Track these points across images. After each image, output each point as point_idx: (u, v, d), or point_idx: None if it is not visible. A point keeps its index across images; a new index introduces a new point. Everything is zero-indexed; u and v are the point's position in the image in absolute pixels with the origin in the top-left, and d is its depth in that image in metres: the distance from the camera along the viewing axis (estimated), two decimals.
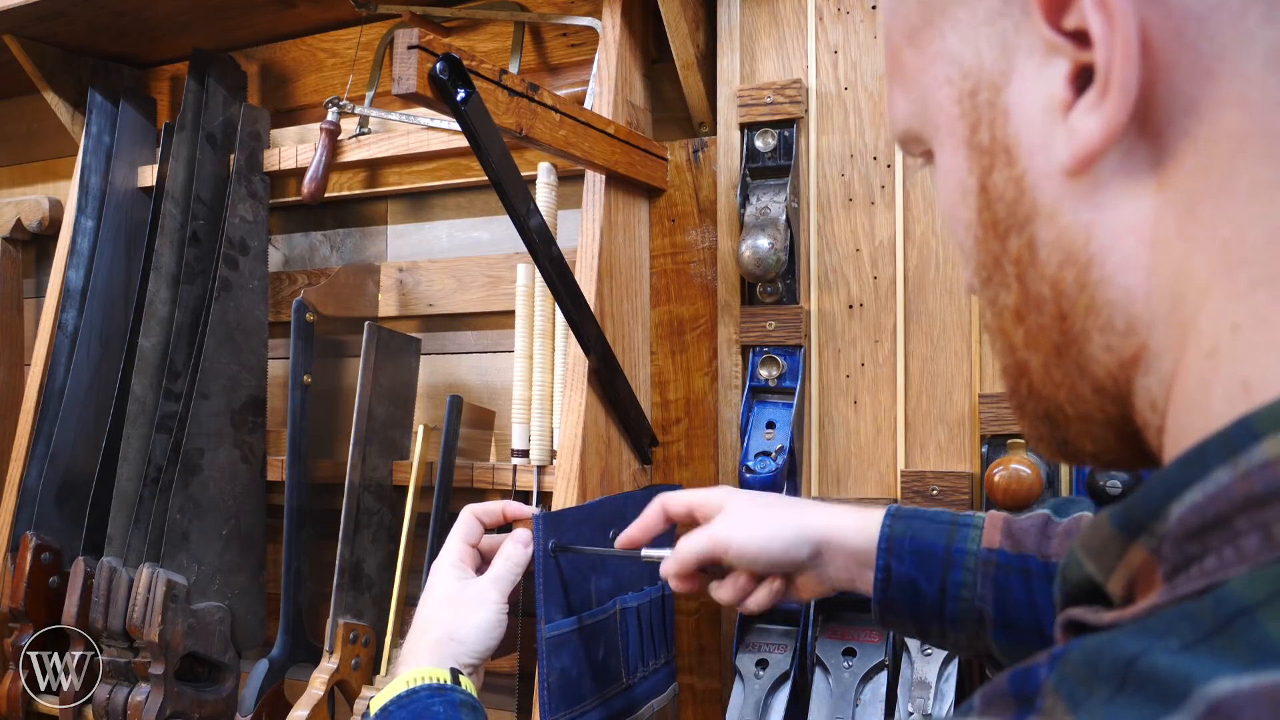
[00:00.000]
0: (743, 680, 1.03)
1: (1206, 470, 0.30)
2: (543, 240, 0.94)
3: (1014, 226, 0.38)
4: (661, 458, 1.22)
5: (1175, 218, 0.34)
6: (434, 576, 0.85)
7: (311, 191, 1.30)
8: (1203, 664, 0.26)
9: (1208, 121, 0.33)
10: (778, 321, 1.12)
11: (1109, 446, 0.39)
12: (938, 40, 0.40)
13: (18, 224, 1.67)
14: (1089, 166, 0.35)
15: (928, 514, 0.77)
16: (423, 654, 0.79)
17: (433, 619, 0.82)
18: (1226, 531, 0.29)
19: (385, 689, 0.75)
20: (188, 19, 1.42)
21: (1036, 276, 0.37)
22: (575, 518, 0.93)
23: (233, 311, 1.31)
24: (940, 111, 0.40)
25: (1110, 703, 0.27)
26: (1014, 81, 0.36)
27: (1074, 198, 0.35)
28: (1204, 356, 0.33)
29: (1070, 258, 0.36)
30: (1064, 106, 0.35)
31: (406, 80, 0.79)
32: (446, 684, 0.74)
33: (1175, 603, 0.29)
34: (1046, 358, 0.39)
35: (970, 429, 1.06)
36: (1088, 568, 0.35)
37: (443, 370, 1.37)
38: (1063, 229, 0.36)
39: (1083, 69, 0.34)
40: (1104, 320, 0.36)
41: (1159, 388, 0.35)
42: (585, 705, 0.91)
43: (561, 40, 1.31)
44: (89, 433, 1.38)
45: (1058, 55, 0.35)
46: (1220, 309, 0.33)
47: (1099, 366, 0.37)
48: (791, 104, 1.11)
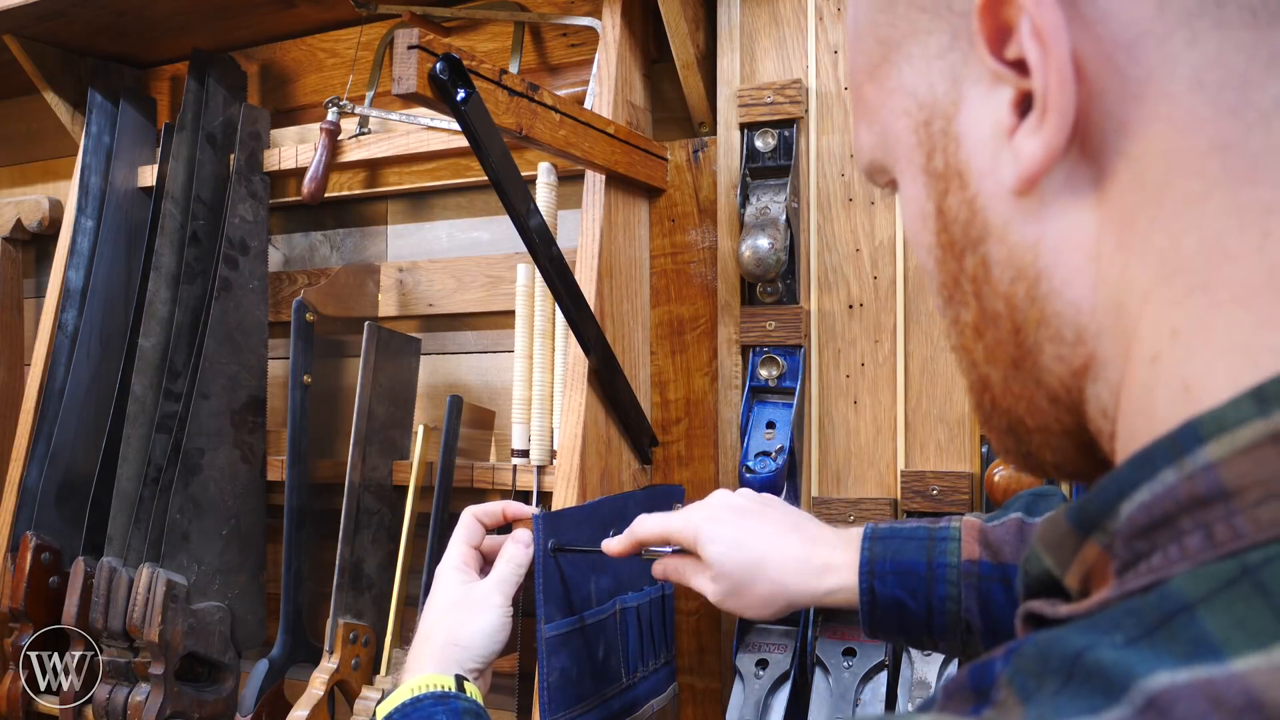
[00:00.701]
0: (743, 680, 1.03)
1: (1154, 471, 0.31)
2: (543, 240, 0.94)
3: (969, 246, 0.40)
4: (661, 458, 1.22)
5: (1115, 231, 0.35)
6: (437, 581, 0.85)
7: (311, 191, 1.30)
8: (1144, 658, 0.27)
9: (1139, 139, 0.34)
10: (778, 321, 1.12)
11: (1069, 457, 0.41)
12: (895, 75, 0.42)
13: (18, 224, 1.67)
14: (1033, 186, 0.36)
15: (904, 531, 0.79)
16: (427, 660, 0.79)
17: (437, 624, 0.82)
18: (1172, 530, 0.30)
19: (390, 697, 0.76)
20: (188, 19, 1.42)
21: (991, 293, 0.39)
22: (575, 518, 0.93)
23: (233, 311, 1.31)
24: (899, 142, 0.42)
25: (1058, 695, 0.28)
26: (964, 110, 0.39)
27: (1022, 216, 0.37)
28: (1147, 362, 0.34)
29: (1020, 273, 0.38)
30: (1009, 131, 0.37)
31: (406, 80, 0.79)
32: (450, 691, 0.75)
33: (1122, 599, 0.31)
34: (1005, 371, 0.40)
35: (970, 429, 1.06)
36: (1046, 562, 0.36)
37: (443, 370, 1.37)
38: (1012, 246, 0.38)
39: (1025, 96, 0.36)
40: (1054, 331, 0.37)
41: (1108, 395, 0.37)
42: (585, 705, 0.91)
43: (561, 40, 1.31)
44: (89, 433, 1.38)
45: (1002, 84, 0.37)
46: (1160, 316, 0.34)
47: (1052, 377, 0.38)
48: (791, 104, 1.11)
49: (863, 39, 0.44)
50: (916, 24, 0.40)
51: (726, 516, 0.82)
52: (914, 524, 0.80)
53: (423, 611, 0.85)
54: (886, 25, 0.42)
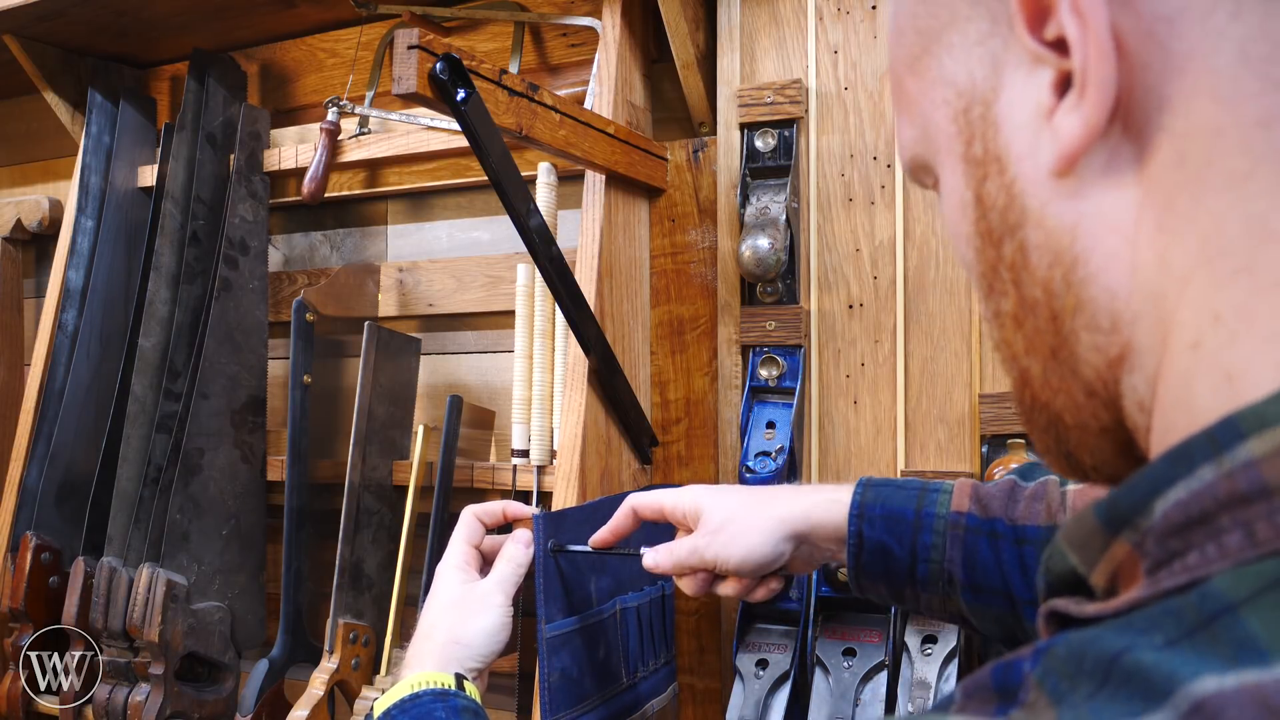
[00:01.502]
0: (743, 680, 1.03)
1: (1192, 467, 0.30)
2: (543, 240, 0.94)
3: (1007, 232, 0.39)
4: (661, 458, 1.22)
5: (1155, 213, 0.35)
6: (438, 580, 0.85)
7: (311, 191, 1.30)
8: (1187, 661, 0.26)
9: (1182, 116, 0.34)
10: (778, 321, 1.12)
11: (1107, 459, 0.40)
12: (935, 66, 0.41)
13: (18, 224, 1.67)
14: (1073, 166, 0.36)
15: (898, 481, 0.80)
16: (427, 658, 0.79)
17: (438, 623, 0.82)
18: (1210, 528, 0.29)
19: (389, 692, 0.76)
20: (188, 19, 1.42)
21: (1029, 280, 0.39)
22: (575, 518, 0.93)
23: (233, 311, 1.31)
24: (940, 132, 0.42)
25: (1092, 698, 0.27)
26: (1003, 95, 0.38)
27: (1060, 199, 0.37)
28: (1187, 349, 0.33)
29: (1057, 258, 0.37)
30: (1049, 112, 0.36)
31: (406, 80, 0.79)
32: (450, 689, 0.75)
33: (1158, 598, 0.30)
34: (1044, 363, 0.40)
35: (970, 429, 1.06)
36: (1071, 559, 0.35)
37: (443, 370, 1.37)
38: (1050, 230, 0.37)
39: (1065, 76, 0.36)
40: (1090, 318, 0.37)
41: (1145, 387, 0.36)
42: (585, 705, 0.91)
43: (561, 40, 1.31)
44: (89, 433, 1.38)
45: (1041, 65, 0.36)
46: (1201, 300, 0.33)
47: (1089, 368, 0.38)
48: (791, 104, 1.11)
49: (903, 33, 0.43)
50: (956, 12, 0.40)
51: (727, 487, 0.86)
52: (910, 478, 0.82)
53: (423, 609, 0.85)
54: (926, 16, 0.41)
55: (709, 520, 0.80)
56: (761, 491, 0.84)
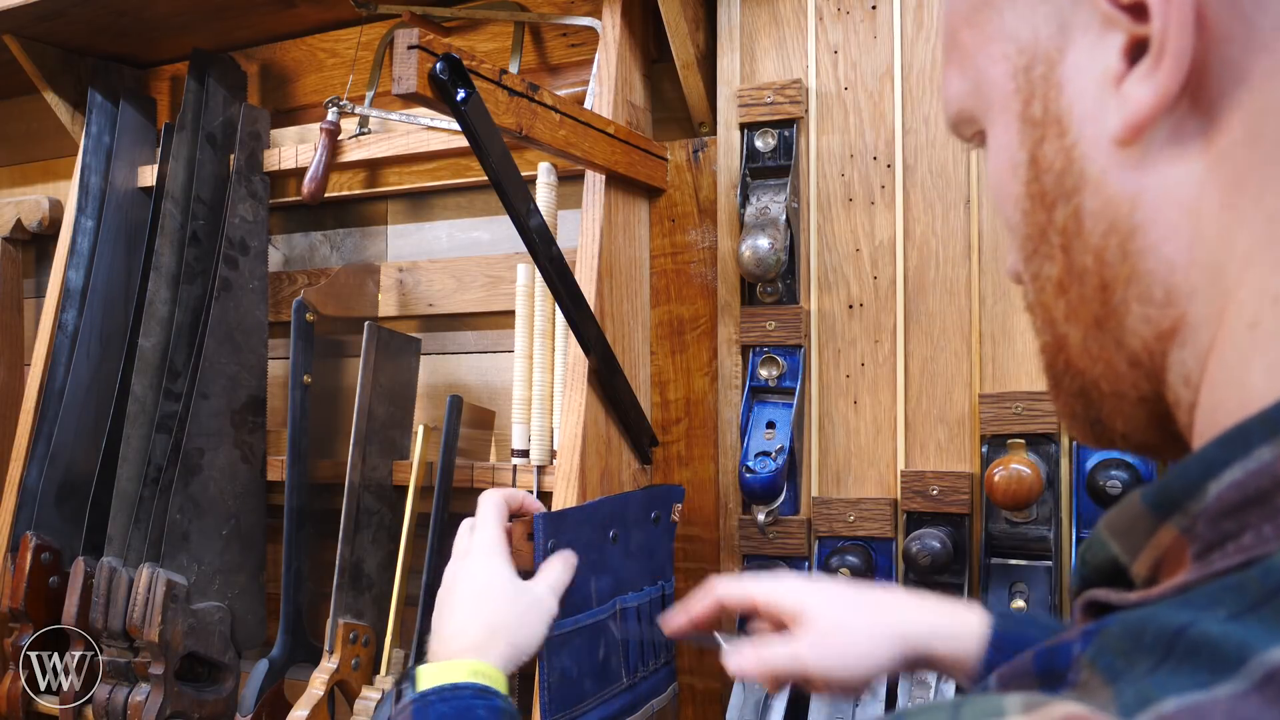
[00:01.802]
0: (743, 680, 1.03)
1: (1249, 448, 0.30)
2: (543, 240, 0.94)
3: (1061, 196, 0.38)
4: (661, 458, 1.22)
5: (1221, 189, 0.34)
6: (488, 565, 0.80)
7: (311, 191, 1.30)
8: (1256, 632, 0.26)
9: (1260, 93, 0.33)
10: (778, 321, 1.12)
11: (1139, 427, 0.40)
12: (996, 19, 0.41)
13: (18, 224, 1.67)
14: (1140, 135, 0.35)
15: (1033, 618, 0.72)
16: (487, 648, 0.75)
17: (497, 614, 0.78)
18: (1268, 508, 0.29)
19: (433, 668, 0.72)
20: (188, 19, 1.42)
21: (1081, 246, 0.38)
22: (575, 518, 0.93)
23: (233, 311, 1.31)
24: (994, 88, 0.41)
25: (1154, 672, 0.27)
26: (1069, 56, 0.37)
27: (1122, 167, 0.36)
28: (1245, 328, 0.33)
29: (1114, 226, 0.37)
30: (1117, 78, 0.36)
31: (406, 80, 0.79)
32: (492, 689, 0.72)
33: (1213, 578, 0.30)
34: (1086, 330, 0.39)
35: (970, 429, 1.06)
36: (1112, 548, 0.35)
37: (443, 370, 1.37)
38: (1108, 198, 0.37)
39: (1137, 42, 0.35)
40: (1143, 290, 0.36)
41: (1194, 362, 0.36)
42: (585, 705, 0.91)
43: (561, 40, 1.31)
44: (89, 433, 1.38)
45: (1114, 29, 0.36)
46: (1263, 281, 0.33)
47: (1136, 339, 0.37)
48: (791, 104, 1.11)
49: None
50: None
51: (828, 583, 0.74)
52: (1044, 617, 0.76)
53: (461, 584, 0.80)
54: None
55: (813, 624, 0.70)
56: (870, 594, 0.73)
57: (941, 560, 0.97)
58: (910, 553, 0.98)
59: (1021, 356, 1.04)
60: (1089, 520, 0.97)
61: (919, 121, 1.09)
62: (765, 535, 1.10)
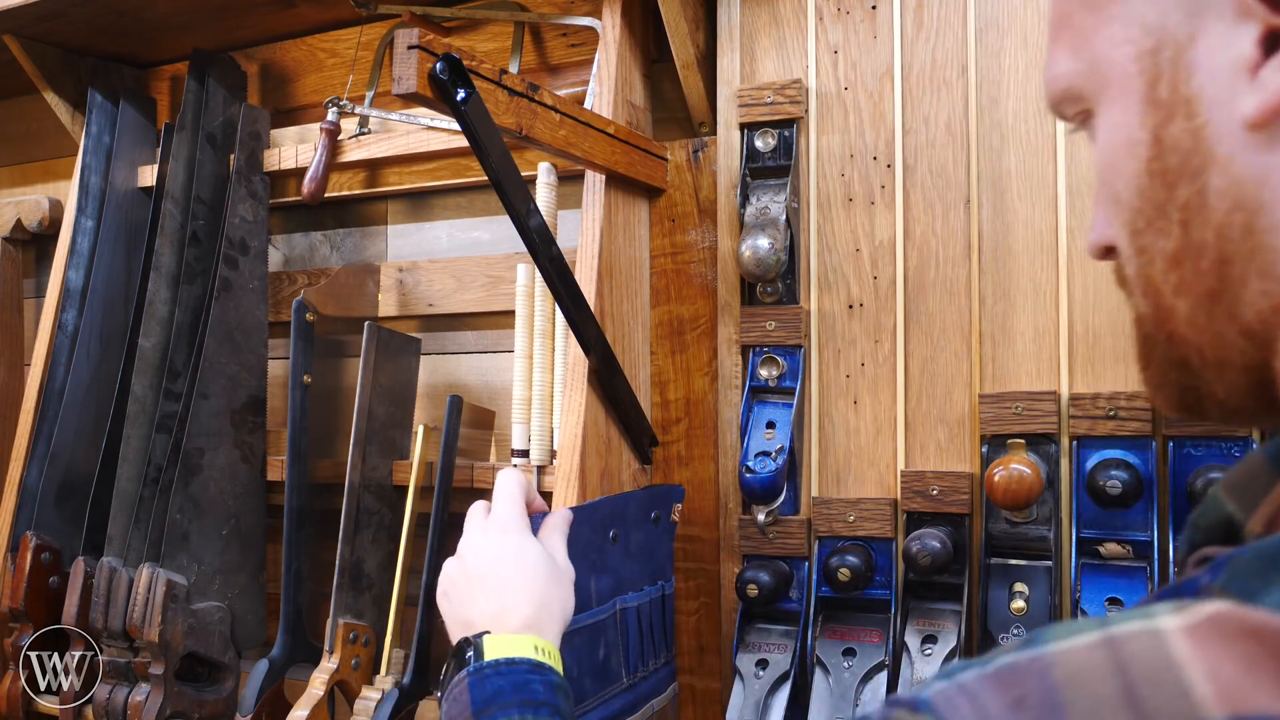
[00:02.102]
0: (743, 680, 1.04)
1: None
2: (543, 240, 0.94)
3: (1186, 175, 0.40)
4: (661, 458, 1.22)
5: None
6: (525, 540, 0.80)
7: (311, 191, 1.30)
8: None
9: None
10: (778, 321, 1.12)
11: (1238, 393, 0.41)
12: (1119, 3, 0.42)
13: (18, 224, 1.67)
14: (1274, 119, 0.37)
15: None
16: (541, 622, 0.75)
17: (550, 590, 0.78)
18: None
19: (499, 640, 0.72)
20: (188, 19, 1.42)
21: (1202, 223, 0.40)
22: (575, 518, 0.93)
23: (233, 311, 1.31)
24: (1114, 69, 0.43)
25: None
26: (1200, 41, 0.39)
27: (1251, 149, 0.38)
28: None
29: (1240, 204, 0.38)
30: (1251, 65, 0.37)
31: (406, 80, 0.79)
32: (547, 664, 0.72)
33: None
34: (1196, 303, 0.41)
35: (970, 429, 1.06)
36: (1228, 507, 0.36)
37: (443, 370, 1.37)
38: (1236, 177, 0.38)
39: (1272, 32, 0.37)
40: (1265, 265, 0.38)
41: None
42: (585, 705, 0.91)
43: (561, 40, 1.31)
44: (89, 433, 1.38)
45: (1249, 19, 0.37)
46: None
47: (1251, 311, 0.39)
48: (791, 104, 1.11)
49: None
50: None
51: None
52: None
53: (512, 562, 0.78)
54: None
55: None
56: None
57: (941, 560, 0.97)
58: (910, 553, 0.98)
59: (1021, 356, 1.04)
60: (1089, 520, 0.97)
61: (919, 121, 1.09)
62: (765, 535, 1.10)
